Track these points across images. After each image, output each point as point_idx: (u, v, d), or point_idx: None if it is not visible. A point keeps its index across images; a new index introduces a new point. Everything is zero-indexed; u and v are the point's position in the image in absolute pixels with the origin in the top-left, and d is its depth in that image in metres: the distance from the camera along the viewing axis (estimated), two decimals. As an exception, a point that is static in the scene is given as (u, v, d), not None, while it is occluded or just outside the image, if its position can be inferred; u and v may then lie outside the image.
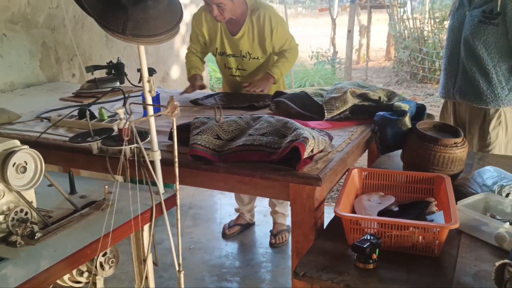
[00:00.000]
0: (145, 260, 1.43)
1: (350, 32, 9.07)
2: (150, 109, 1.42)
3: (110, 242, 1.20)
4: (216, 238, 3.00)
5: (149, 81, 1.36)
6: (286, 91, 2.30)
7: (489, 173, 1.67)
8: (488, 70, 2.23)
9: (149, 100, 1.37)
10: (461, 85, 2.33)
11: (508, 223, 1.34)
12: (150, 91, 1.38)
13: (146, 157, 1.38)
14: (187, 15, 4.40)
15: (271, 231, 2.99)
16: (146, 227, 1.42)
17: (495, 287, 1.07)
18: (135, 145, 1.37)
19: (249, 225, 3.12)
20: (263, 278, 2.68)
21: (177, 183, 1.27)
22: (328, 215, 1.52)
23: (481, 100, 2.28)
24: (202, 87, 2.63)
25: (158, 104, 1.87)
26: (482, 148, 2.35)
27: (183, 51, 3.65)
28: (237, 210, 3.11)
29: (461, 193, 1.61)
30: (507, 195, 1.54)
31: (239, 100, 2.45)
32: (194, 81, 2.64)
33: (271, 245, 2.91)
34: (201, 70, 2.76)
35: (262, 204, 3.29)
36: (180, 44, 4.29)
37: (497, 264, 1.06)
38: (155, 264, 1.48)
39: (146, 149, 1.39)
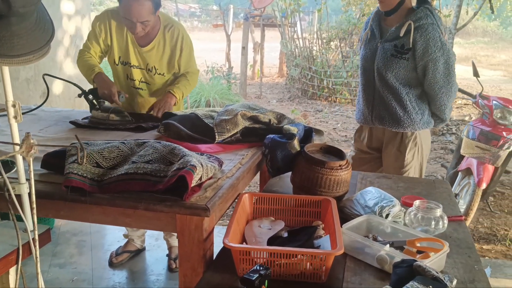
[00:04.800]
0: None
1: (244, 48, 9.28)
2: (17, 137, 1.26)
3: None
4: (102, 267, 2.78)
5: (14, 106, 1.21)
6: (176, 112, 2.23)
7: (371, 194, 1.75)
8: (402, 97, 2.36)
9: (14, 128, 1.21)
10: (379, 111, 2.44)
11: (388, 245, 1.40)
12: (15, 117, 1.23)
13: (11, 190, 1.22)
14: (72, 27, 4.13)
15: (168, 256, 2.85)
16: (12, 269, 1.26)
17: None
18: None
19: (139, 251, 2.94)
20: (154, 307, 2.55)
21: (36, 231, 1.13)
22: (220, 235, 1.45)
23: (399, 126, 2.41)
24: (120, 93, 2.41)
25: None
26: (398, 168, 2.47)
27: (67, 64, 3.40)
28: (125, 236, 2.92)
29: (346, 215, 1.67)
30: (386, 216, 1.62)
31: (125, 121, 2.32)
32: (111, 86, 2.38)
33: (172, 270, 2.77)
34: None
35: (154, 227, 3.14)
36: (63, 56, 3.99)
37: (379, 291, 1.09)
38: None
39: (12, 180, 1.23)
